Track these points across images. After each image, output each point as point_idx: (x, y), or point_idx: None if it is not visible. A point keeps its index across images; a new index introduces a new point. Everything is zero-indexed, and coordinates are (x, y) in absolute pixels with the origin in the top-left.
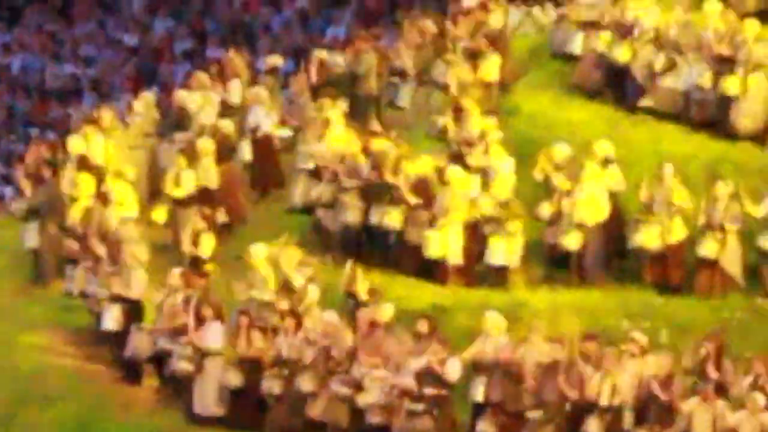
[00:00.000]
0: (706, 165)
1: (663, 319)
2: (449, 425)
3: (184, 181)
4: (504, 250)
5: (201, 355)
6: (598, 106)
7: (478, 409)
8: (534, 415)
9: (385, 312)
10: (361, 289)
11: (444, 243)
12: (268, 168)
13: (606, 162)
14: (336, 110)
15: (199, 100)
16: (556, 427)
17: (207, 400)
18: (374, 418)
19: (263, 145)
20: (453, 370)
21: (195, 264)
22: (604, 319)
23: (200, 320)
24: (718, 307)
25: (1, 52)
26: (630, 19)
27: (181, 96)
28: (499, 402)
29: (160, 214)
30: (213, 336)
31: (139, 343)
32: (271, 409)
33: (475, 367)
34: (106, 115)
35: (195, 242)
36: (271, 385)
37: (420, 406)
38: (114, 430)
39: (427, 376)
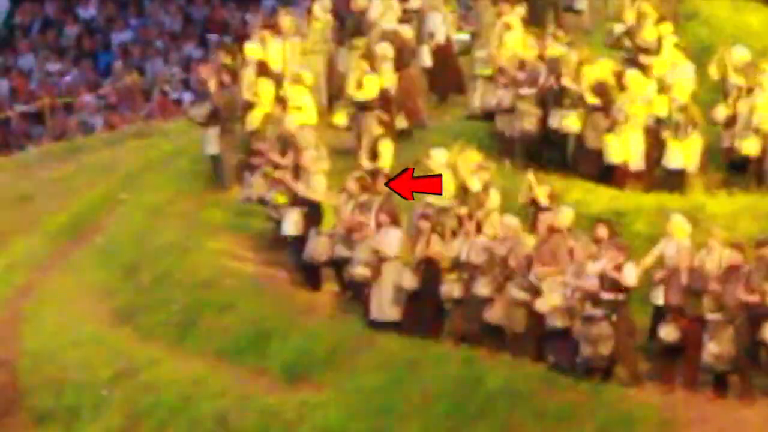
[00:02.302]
0: None
1: None
2: (627, 330)
3: (366, 85)
4: (682, 154)
5: (378, 260)
6: None
7: (659, 313)
8: (714, 317)
9: (565, 216)
10: (541, 195)
11: (624, 147)
12: (448, 73)
13: None
14: (515, 15)
15: (380, 6)
16: (736, 330)
17: (384, 304)
18: (556, 322)
19: (442, 51)
20: (630, 276)
21: (374, 169)
22: None
23: (378, 225)
24: None
25: None
26: None
27: (362, 1)
28: (680, 306)
29: (340, 118)
30: (390, 241)
31: (318, 248)
32: (449, 315)
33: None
34: (285, 20)
35: (374, 148)
36: (451, 288)
37: (598, 312)
38: (292, 335)
39: (605, 281)
